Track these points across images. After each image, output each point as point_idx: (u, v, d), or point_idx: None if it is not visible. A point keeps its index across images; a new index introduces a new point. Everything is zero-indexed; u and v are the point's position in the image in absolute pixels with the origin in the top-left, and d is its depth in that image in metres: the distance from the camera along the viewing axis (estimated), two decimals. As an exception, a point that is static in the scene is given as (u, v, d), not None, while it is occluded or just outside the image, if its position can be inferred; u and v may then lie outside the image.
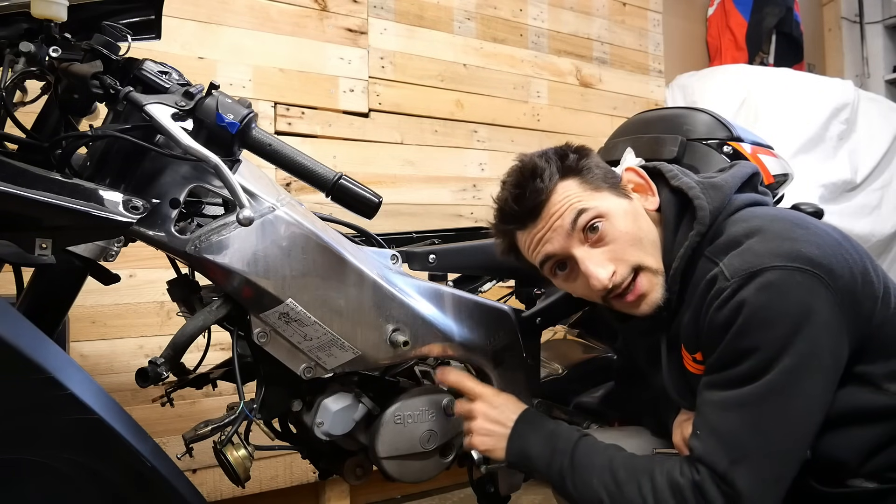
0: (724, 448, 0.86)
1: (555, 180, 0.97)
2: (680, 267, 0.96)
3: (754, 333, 0.85)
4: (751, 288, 0.85)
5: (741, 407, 0.86)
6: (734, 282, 0.86)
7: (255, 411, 1.05)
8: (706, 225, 0.95)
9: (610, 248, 0.96)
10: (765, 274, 0.84)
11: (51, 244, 0.85)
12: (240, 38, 1.91)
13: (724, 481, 0.84)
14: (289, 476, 1.90)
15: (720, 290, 0.88)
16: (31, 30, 0.90)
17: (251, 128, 0.95)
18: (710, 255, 0.93)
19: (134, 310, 1.71)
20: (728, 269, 0.88)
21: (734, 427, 0.86)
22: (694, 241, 0.95)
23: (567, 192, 0.97)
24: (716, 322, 0.88)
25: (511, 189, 1.00)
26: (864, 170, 2.99)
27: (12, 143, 0.93)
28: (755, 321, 0.84)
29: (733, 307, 0.86)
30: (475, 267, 1.32)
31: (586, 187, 0.98)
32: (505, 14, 2.48)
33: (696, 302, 0.93)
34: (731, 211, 0.97)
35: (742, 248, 0.89)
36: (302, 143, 1.98)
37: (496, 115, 2.41)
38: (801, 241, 0.87)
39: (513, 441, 1.05)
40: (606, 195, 0.98)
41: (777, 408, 0.84)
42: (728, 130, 1.43)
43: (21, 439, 0.79)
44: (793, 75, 3.08)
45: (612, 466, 0.94)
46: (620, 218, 0.96)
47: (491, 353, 1.22)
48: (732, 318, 0.86)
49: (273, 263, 0.99)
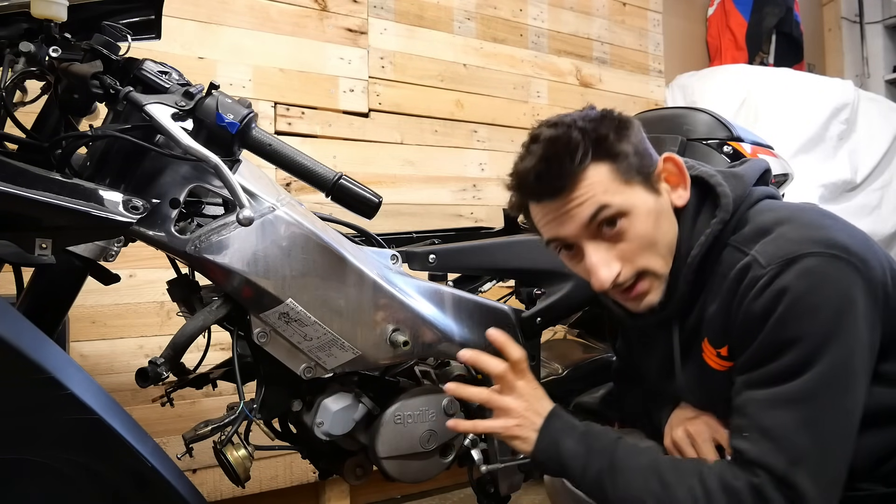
0: (779, 449, 0.80)
1: (585, 163, 0.87)
2: (699, 254, 0.91)
3: (797, 322, 0.80)
4: (790, 275, 0.80)
5: (792, 404, 0.80)
6: (771, 269, 0.82)
7: (255, 411, 1.05)
8: (729, 212, 0.91)
9: (621, 248, 0.90)
10: (803, 260, 0.80)
11: (51, 244, 0.85)
12: (240, 38, 1.91)
13: (785, 484, 0.79)
14: (289, 476, 1.90)
15: (756, 279, 0.83)
16: (31, 30, 0.90)
17: (251, 128, 0.95)
18: (737, 245, 0.89)
19: (134, 310, 1.71)
20: (763, 257, 0.83)
21: (787, 426, 0.80)
22: (716, 229, 0.91)
23: (595, 179, 0.88)
24: (753, 312, 0.83)
25: (536, 160, 0.89)
26: (864, 170, 2.99)
27: (12, 143, 0.93)
28: (798, 309, 0.80)
29: (773, 295, 0.81)
30: (475, 267, 1.32)
31: (617, 178, 0.89)
32: (505, 14, 2.48)
33: (726, 293, 0.88)
34: (752, 201, 0.93)
35: (774, 236, 0.85)
36: (302, 143, 1.98)
37: (496, 115, 2.41)
38: (833, 230, 0.84)
39: (544, 437, 0.95)
40: (636, 189, 0.90)
41: (828, 402, 0.80)
42: (728, 130, 1.43)
43: (21, 439, 0.79)
44: (793, 75, 3.08)
45: (658, 469, 0.87)
46: (642, 218, 0.90)
47: (491, 353, 1.22)
48: (772, 306, 0.81)
49: (273, 263, 0.99)
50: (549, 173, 0.88)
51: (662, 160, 0.94)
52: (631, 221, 0.89)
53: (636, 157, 0.90)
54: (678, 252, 0.93)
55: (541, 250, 1.33)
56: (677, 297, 0.94)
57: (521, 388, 0.97)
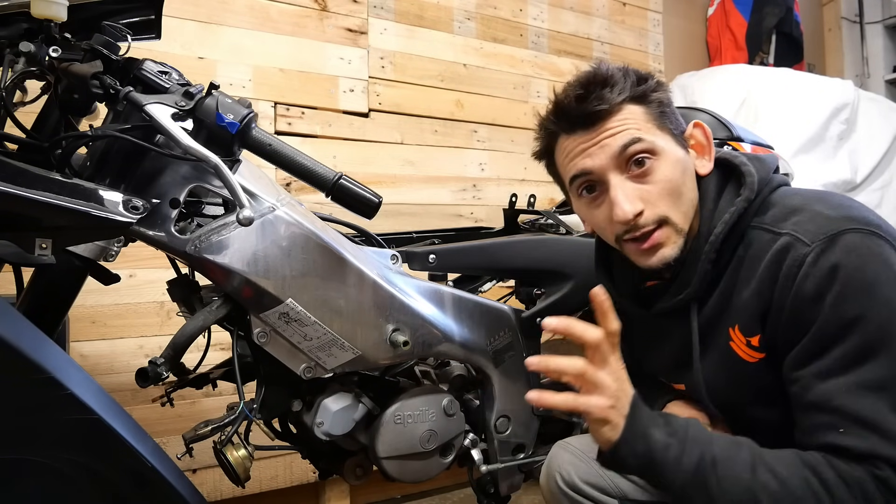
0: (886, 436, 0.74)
1: (623, 96, 0.90)
2: (724, 232, 0.89)
3: (857, 299, 0.77)
4: (837, 251, 0.78)
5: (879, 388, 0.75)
6: (816, 246, 0.79)
7: (255, 411, 1.05)
8: (754, 192, 0.89)
9: (646, 189, 0.89)
10: (846, 236, 0.79)
11: (51, 244, 0.84)
12: (240, 38, 1.91)
13: None
14: (289, 476, 1.90)
15: (801, 257, 0.80)
16: (31, 30, 0.90)
17: (251, 128, 0.95)
18: (766, 226, 0.87)
19: (134, 310, 1.71)
20: (804, 235, 0.81)
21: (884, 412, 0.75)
22: (741, 207, 0.89)
23: (630, 115, 0.90)
24: (805, 293, 0.79)
25: (576, 87, 0.92)
26: (864, 170, 2.98)
27: (12, 143, 0.93)
28: (854, 286, 0.77)
29: (824, 274, 0.78)
30: (475, 267, 1.32)
31: (651, 119, 0.91)
32: (505, 14, 2.48)
33: (763, 276, 0.84)
34: (773, 186, 0.92)
35: (809, 214, 0.83)
36: (302, 143, 1.98)
37: (496, 115, 2.41)
38: (863, 210, 0.83)
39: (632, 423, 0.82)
40: (667, 137, 0.92)
41: None
42: (728, 130, 1.43)
43: (21, 439, 0.79)
44: (793, 75, 3.08)
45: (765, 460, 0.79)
46: (671, 164, 0.90)
47: (491, 353, 1.22)
48: (826, 285, 0.78)
49: (273, 263, 0.99)
50: (588, 98, 0.90)
51: (692, 125, 0.95)
52: (660, 162, 0.90)
53: (670, 111, 0.93)
54: (699, 231, 0.92)
55: (541, 250, 1.34)
56: (698, 278, 0.91)
57: (613, 364, 0.83)
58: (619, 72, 0.93)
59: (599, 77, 0.92)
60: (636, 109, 0.91)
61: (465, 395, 1.31)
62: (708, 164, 0.95)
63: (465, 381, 1.30)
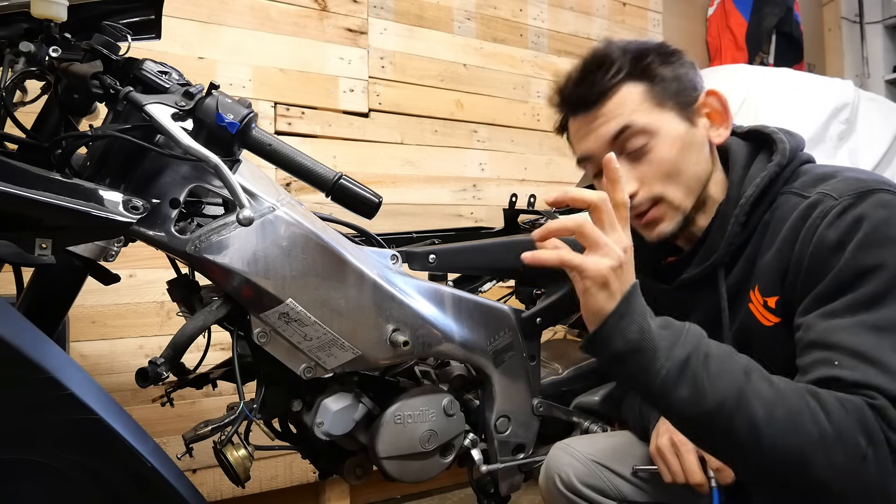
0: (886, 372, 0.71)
1: (618, 79, 0.91)
2: (754, 195, 0.89)
3: (879, 249, 0.76)
4: (867, 205, 0.78)
5: (883, 331, 0.73)
6: (845, 199, 0.80)
7: (255, 411, 1.05)
8: (786, 157, 0.90)
9: (642, 170, 0.91)
10: (877, 194, 0.79)
11: (51, 244, 0.84)
12: (240, 38, 1.91)
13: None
14: (289, 476, 1.90)
15: (828, 209, 0.80)
16: (31, 30, 0.90)
17: (251, 128, 0.95)
18: (797, 190, 0.87)
19: (134, 310, 1.71)
20: (834, 191, 0.82)
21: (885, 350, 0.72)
22: (773, 171, 0.89)
23: (626, 98, 0.91)
24: (826, 240, 0.79)
25: (575, 70, 0.96)
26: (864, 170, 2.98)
27: (12, 143, 0.93)
28: (878, 236, 0.76)
29: (850, 222, 0.78)
30: (475, 267, 1.32)
31: (649, 99, 0.91)
32: (505, 14, 2.48)
33: (787, 234, 0.85)
34: (803, 159, 0.93)
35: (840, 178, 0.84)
36: (302, 143, 1.98)
37: (496, 115, 2.41)
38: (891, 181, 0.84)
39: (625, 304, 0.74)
40: (667, 114, 0.91)
41: None
42: (728, 130, 1.42)
43: (21, 439, 0.79)
44: (793, 75, 3.08)
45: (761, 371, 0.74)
46: (668, 143, 0.90)
47: (491, 353, 1.22)
48: (850, 233, 0.77)
49: (273, 263, 0.99)
50: (583, 82, 0.93)
51: (706, 93, 0.94)
52: (656, 143, 0.91)
53: (675, 83, 0.92)
54: (728, 195, 0.93)
55: (541, 250, 1.34)
56: (727, 241, 0.91)
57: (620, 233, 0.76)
58: (618, 50, 0.93)
59: (597, 58, 0.94)
60: (634, 90, 0.92)
61: (465, 395, 1.31)
62: (724, 133, 0.95)
63: (465, 381, 1.30)
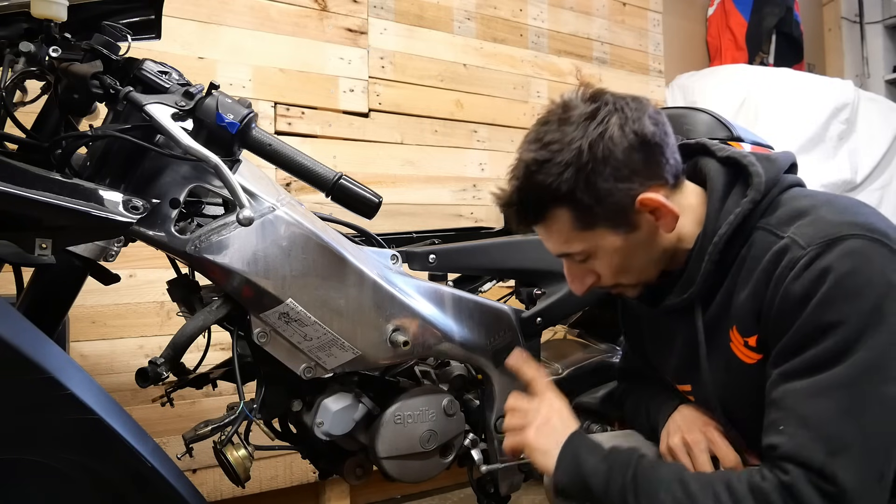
0: (818, 439, 0.74)
1: (545, 213, 0.90)
2: (727, 233, 0.88)
3: (840, 304, 0.76)
4: (832, 255, 0.77)
5: (833, 391, 0.75)
6: (812, 249, 0.78)
7: (255, 411, 1.05)
8: (761, 193, 0.88)
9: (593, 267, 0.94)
10: (846, 241, 0.77)
11: (51, 244, 0.85)
12: (240, 38, 1.90)
13: (823, 477, 0.74)
14: (289, 476, 1.90)
15: (795, 260, 0.79)
16: (31, 30, 0.90)
17: (251, 128, 0.95)
18: (770, 228, 0.86)
19: (134, 310, 1.71)
20: (802, 238, 0.80)
21: (828, 415, 0.75)
22: (747, 208, 0.88)
23: (556, 222, 0.90)
24: (792, 294, 0.79)
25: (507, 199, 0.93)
26: (864, 170, 2.99)
27: (12, 143, 0.93)
28: (841, 290, 0.76)
29: (814, 276, 0.77)
30: (475, 267, 1.32)
31: (577, 225, 0.89)
32: (505, 14, 2.48)
33: (759, 277, 0.84)
34: (783, 186, 0.90)
35: (812, 218, 0.82)
36: (302, 143, 1.98)
37: (496, 115, 2.41)
38: (871, 216, 0.82)
39: (565, 455, 0.92)
40: (600, 232, 0.90)
41: (872, 390, 0.75)
42: (728, 130, 1.43)
43: (21, 439, 0.79)
44: (793, 75, 3.08)
45: (682, 479, 0.84)
46: (608, 257, 0.92)
47: (491, 353, 1.22)
48: (814, 287, 0.77)
49: (273, 263, 0.99)
50: (516, 216, 0.93)
51: (639, 202, 0.87)
52: (597, 259, 0.93)
53: (599, 207, 0.87)
54: (704, 231, 0.92)
55: (541, 250, 1.34)
56: (701, 277, 0.91)
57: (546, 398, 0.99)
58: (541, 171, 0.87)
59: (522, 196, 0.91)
60: (561, 215, 0.89)
61: (465, 395, 1.31)
62: (672, 223, 0.90)
63: (465, 381, 1.30)
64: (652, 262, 0.94)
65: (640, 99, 0.91)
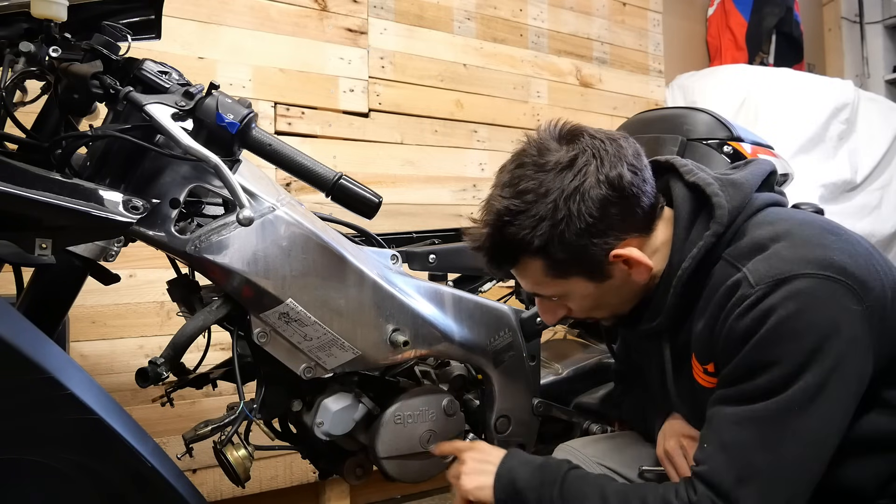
0: (731, 464, 0.79)
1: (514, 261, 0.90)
2: (690, 268, 0.88)
3: (778, 345, 0.78)
4: (778, 296, 0.78)
5: (755, 422, 0.79)
6: (759, 289, 0.79)
7: (255, 411, 1.05)
8: (724, 225, 0.87)
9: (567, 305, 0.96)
10: (794, 281, 0.78)
11: (51, 244, 0.84)
12: (240, 38, 1.90)
13: (728, 500, 0.78)
14: (289, 476, 1.90)
15: (743, 297, 0.81)
16: (31, 30, 0.90)
17: (251, 128, 0.95)
18: (731, 259, 0.86)
19: (134, 310, 1.71)
20: (753, 276, 0.81)
21: (745, 443, 0.79)
22: (709, 242, 0.87)
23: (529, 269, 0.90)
24: (736, 331, 0.81)
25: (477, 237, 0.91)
26: (864, 170, 2.98)
27: (12, 143, 0.93)
28: (780, 332, 0.77)
29: (758, 316, 0.79)
30: (475, 267, 1.32)
31: (549, 273, 0.89)
32: (505, 14, 2.48)
33: (713, 309, 0.86)
34: (751, 211, 0.89)
35: (769, 253, 0.82)
36: (302, 143, 1.98)
37: (496, 115, 2.41)
38: (832, 249, 0.80)
39: (501, 475, 0.97)
40: (573, 280, 0.90)
41: (794, 427, 0.78)
42: (728, 130, 1.43)
43: (21, 439, 0.79)
44: (793, 75, 3.08)
45: (604, 494, 0.88)
46: (579, 300, 0.93)
47: (491, 353, 1.22)
48: (755, 327, 0.79)
49: (273, 263, 0.99)
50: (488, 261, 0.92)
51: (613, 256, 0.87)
52: (568, 300, 0.94)
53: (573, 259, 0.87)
54: (670, 262, 0.91)
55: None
56: (666, 311, 0.92)
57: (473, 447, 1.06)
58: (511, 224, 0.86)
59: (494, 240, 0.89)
60: (534, 265, 0.89)
61: (465, 395, 1.31)
62: (645, 273, 0.90)
63: (465, 381, 1.30)
64: (624, 301, 0.96)
65: (619, 141, 0.88)
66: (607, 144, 0.87)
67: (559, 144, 0.87)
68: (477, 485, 0.99)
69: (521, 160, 0.88)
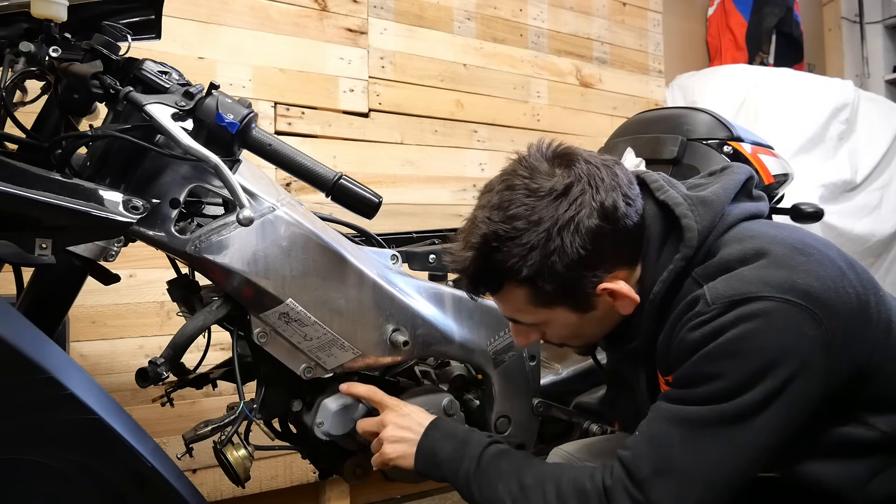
0: (652, 456, 0.80)
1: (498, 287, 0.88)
2: (661, 292, 0.87)
3: (722, 361, 0.78)
4: (731, 316, 0.77)
5: (686, 422, 0.80)
6: (715, 308, 0.79)
7: (255, 411, 1.05)
8: (693, 248, 0.85)
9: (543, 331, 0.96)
10: (750, 304, 0.77)
11: (51, 244, 0.85)
12: (240, 38, 1.90)
13: (640, 489, 0.79)
14: (289, 476, 1.90)
15: (698, 314, 0.80)
16: (31, 30, 0.90)
17: (251, 128, 0.95)
18: (697, 278, 0.85)
19: (134, 310, 1.71)
20: (710, 293, 0.80)
21: (671, 440, 0.80)
22: (679, 266, 0.86)
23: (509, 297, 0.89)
24: (686, 342, 0.81)
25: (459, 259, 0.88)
26: (864, 170, 2.99)
27: (12, 143, 0.93)
28: (728, 349, 0.77)
29: (708, 332, 0.78)
30: (475, 267, 1.32)
31: (534, 302, 0.87)
32: (505, 14, 2.48)
33: (672, 321, 0.86)
34: (723, 229, 0.87)
35: (731, 275, 0.81)
36: (302, 143, 1.98)
37: (496, 115, 2.41)
38: (798, 271, 0.79)
39: (423, 446, 0.97)
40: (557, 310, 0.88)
41: (721, 436, 0.78)
42: (728, 130, 1.43)
43: (21, 439, 0.79)
44: (793, 75, 3.08)
45: (520, 472, 0.88)
46: (559, 328, 0.92)
47: (491, 353, 1.22)
48: (704, 342, 0.79)
49: (273, 263, 0.99)
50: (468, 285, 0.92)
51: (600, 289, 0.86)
52: (549, 329, 0.94)
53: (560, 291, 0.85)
54: (642, 285, 0.90)
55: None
56: (642, 335, 0.91)
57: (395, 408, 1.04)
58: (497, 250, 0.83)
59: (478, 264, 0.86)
60: (517, 293, 0.87)
61: (465, 395, 1.31)
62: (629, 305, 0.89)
63: (465, 381, 1.30)
64: (602, 331, 0.96)
65: (614, 168, 0.86)
66: (602, 172, 0.85)
67: (551, 167, 0.85)
68: (399, 454, 1.00)
69: (511, 182, 0.85)
